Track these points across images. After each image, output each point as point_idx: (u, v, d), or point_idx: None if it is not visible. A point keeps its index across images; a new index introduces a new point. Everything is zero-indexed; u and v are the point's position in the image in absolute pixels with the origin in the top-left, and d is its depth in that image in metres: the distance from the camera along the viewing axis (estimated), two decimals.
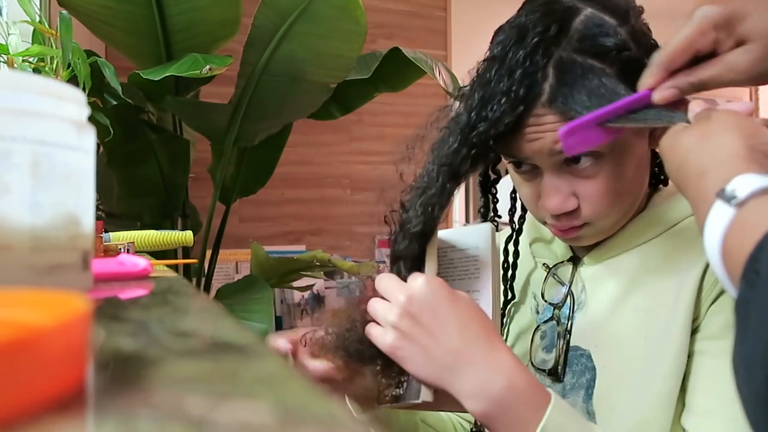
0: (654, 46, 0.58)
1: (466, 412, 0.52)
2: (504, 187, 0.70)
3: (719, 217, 0.38)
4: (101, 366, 0.23)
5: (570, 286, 0.66)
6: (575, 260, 0.68)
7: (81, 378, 0.21)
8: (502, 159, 0.66)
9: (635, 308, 0.60)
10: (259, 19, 1.42)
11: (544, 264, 0.70)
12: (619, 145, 0.56)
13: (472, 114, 0.55)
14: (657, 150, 0.55)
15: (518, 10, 0.59)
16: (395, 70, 1.65)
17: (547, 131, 0.54)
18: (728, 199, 0.38)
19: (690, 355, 0.57)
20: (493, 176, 0.70)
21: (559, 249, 0.70)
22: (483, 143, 0.55)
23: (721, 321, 0.55)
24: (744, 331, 0.32)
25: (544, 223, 0.64)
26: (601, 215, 0.59)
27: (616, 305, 0.61)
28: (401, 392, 0.57)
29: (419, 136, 0.60)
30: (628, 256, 0.64)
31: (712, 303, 0.56)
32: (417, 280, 0.53)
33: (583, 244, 0.64)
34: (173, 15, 1.36)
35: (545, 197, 0.58)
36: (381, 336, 0.53)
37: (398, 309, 0.52)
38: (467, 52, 2.09)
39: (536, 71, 0.53)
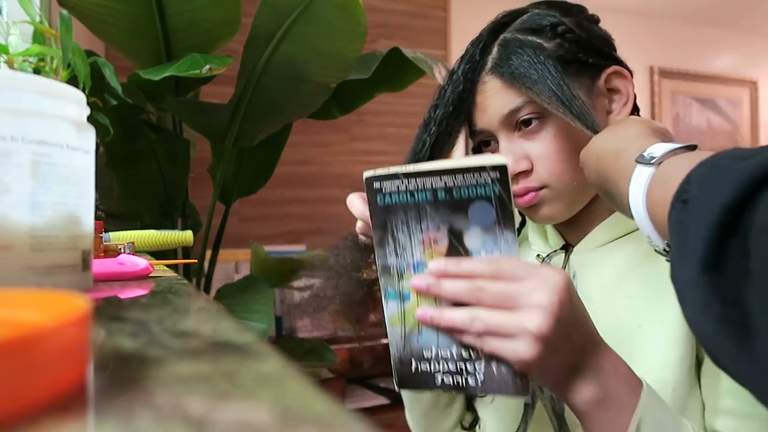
0: (605, 39, 0.66)
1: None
2: None
3: (641, 176, 0.43)
4: (101, 366, 0.23)
5: None
6: (567, 249, 0.70)
7: (81, 378, 0.21)
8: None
9: (628, 295, 0.62)
10: (259, 19, 1.42)
11: (537, 255, 0.73)
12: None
13: (442, 87, 0.66)
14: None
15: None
16: (395, 70, 1.65)
17: (491, 96, 0.63)
18: (647, 161, 0.43)
19: (700, 352, 0.58)
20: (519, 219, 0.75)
21: (552, 239, 0.72)
22: (449, 104, 0.64)
23: None
24: (683, 248, 0.34)
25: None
26: (556, 177, 0.62)
27: (610, 292, 0.62)
28: (475, 381, 0.49)
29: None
30: (619, 243, 0.66)
31: None
32: (557, 272, 0.45)
33: (548, 214, 0.65)
34: (173, 15, 1.36)
35: None
36: (517, 349, 0.44)
37: (547, 316, 0.43)
38: None
39: (484, 50, 0.64)
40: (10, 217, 0.33)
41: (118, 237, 0.77)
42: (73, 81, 0.89)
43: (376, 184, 0.48)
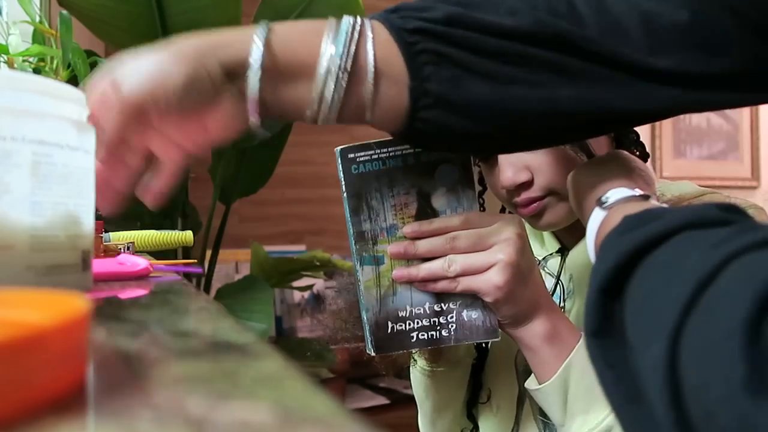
0: None
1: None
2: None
3: (595, 219, 0.46)
4: (101, 366, 0.23)
5: (558, 276, 0.68)
6: (563, 251, 0.70)
7: (81, 378, 0.21)
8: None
9: None
10: (259, 19, 1.41)
11: None
12: None
13: None
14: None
15: None
16: None
17: None
18: (602, 204, 0.47)
19: None
20: (479, 188, 0.73)
21: (549, 241, 0.72)
22: None
23: None
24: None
25: (514, 208, 0.67)
26: (558, 183, 0.62)
27: None
28: (448, 332, 0.54)
29: None
30: None
31: None
32: (516, 216, 0.54)
33: (552, 221, 0.65)
34: (173, 15, 1.36)
35: (500, 174, 0.63)
36: (491, 278, 0.50)
37: (516, 244, 0.50)
38: None
39: None
40: (10, 217, 0.33)
41: (118, 237, 0.76)
42: (73, 81, 0.89)
43: (350, 155, 0.53)
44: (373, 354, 0.55)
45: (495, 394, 0.72)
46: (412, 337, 0.54)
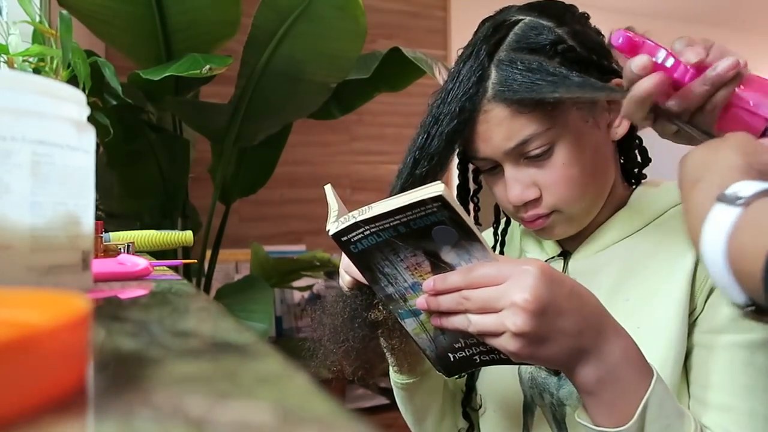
0: (600, 45, 0.63)
1: None
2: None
3: (722, 218, 0.37)
4: (101, 366, 0.23)
5: None
6: (565, 255, 0.70)
7: (81, 378, 0.21)
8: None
9: (626, 299, 0.63)
10: (259, 19, 1.41)
11: None
12: (568, 133, 0.60)
13: (433, 114, 0.62)
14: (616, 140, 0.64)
15: (475, 31, 0.65)
16: (395, 70, 1.65)
17: (496, 126, 0.60)
18: (731, 200, 0.37)
19: (692, 348, 0.59)
20: (474, 186, 0.74)
21: (550, 246, 0.72)
22: (443, 139, 0.61)
23: (724, 314, 0.57)
24: None
25: (520, 220, 0.66)
26: (566, 202, 0.62)
27: (608, 297, 0.62)
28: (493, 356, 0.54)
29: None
30: (615, 249, 0.66)
31: (710, 294, 0.58)
32: (529, 269, 0.47)
33: (558, 235, 0.66)
34: (173, 15, 1.36)
35: (508, 190, 0.62)
36: (504, 344, 0.47)
37: (522, 314, 0.45)
38: None
39: (482, 74, 0.60)
40: (10, 217, 0.33)
41: (118, 237, 0.77)
42: (73, 81, 0.89)
43: (344, 237, 0.50)
44: (447, 378, 0.59)
45: (489, 400, 0.72)
46: (476, 359, 0.56)
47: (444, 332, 0.54)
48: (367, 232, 0.49)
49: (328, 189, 0.58)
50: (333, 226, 0.50)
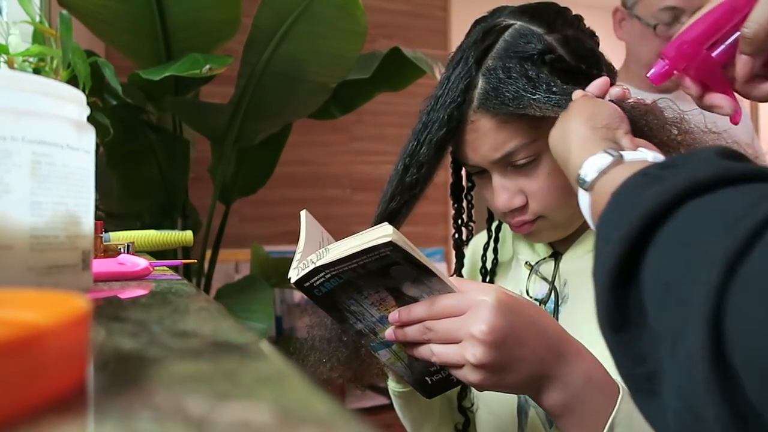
0: (592, 53, 0.63)
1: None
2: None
3: (583, 203, 0.44)
4: (101, 366, 0.23)
5: (553, 282, 0.68)
6: (557, 256, 0.70)
7: (81, 378, 0.21)
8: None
9: None
10: (259, 19, 1.42)
11: (526, 262, 0.72)
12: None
13: (423, 121, 0.63)
14: None
15: (466, 34, 0.65)
16: (395, 70, 1.65)
17: (483, 136, 0.61)
18: (582, 185, 0.43)
19: None
20: (468, 184, 0.75)
21: (541, 247, 0.72)
22: (432, 146, 0.62)
23: None
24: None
25: (508, 224, 0.67)
26: (552, 209, 0.63)
27: None
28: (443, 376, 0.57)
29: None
30: None
31: None
32: (486, 300, 0.47)
33: (545, 239, 0.68)
34: (173, 15, 1.36)
35: (495, 196, 0.64)
36: (466, 375, 0.48)
37: (480, 346, 0.46)
38: None
39: (469, 83, 0.61)
40: (10, 217, 0.33)
41: (118, 237, 0.76)
42: (73, 81, 0.89)
43: (306, 284, 0.51)
44: (428, 399, 0.62)
45: (482, 401, 0.72)
46: (453, 379, 0.57)
47: (417, 359, 0.54)
48: (328, 275, 0.50)
49: (303, 216, 0.58)
50: (293, 274, 0.51)
